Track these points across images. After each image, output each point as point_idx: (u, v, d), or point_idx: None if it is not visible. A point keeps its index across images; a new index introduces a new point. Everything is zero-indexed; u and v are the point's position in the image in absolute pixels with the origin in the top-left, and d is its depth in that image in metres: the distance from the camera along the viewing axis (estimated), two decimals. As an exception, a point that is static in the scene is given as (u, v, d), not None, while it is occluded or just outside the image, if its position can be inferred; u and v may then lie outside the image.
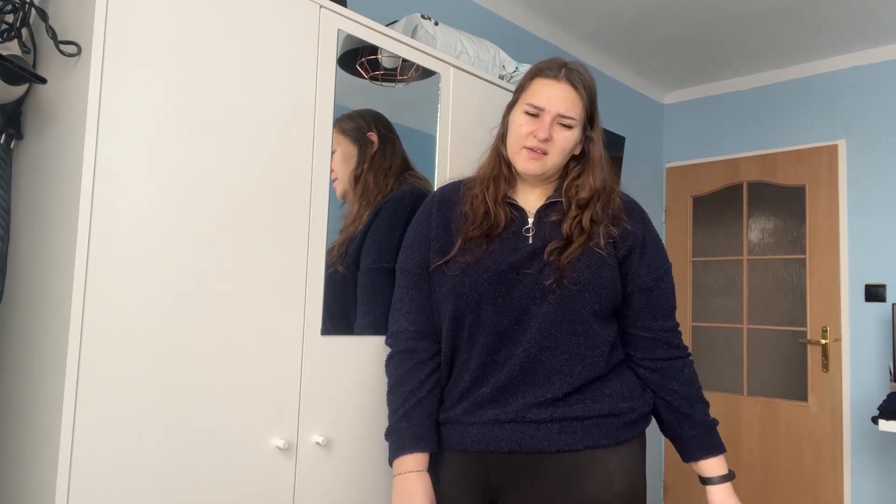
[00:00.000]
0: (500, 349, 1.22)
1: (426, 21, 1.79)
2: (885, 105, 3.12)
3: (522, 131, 1.26)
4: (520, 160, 1.27)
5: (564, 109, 1.24)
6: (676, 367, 1.31)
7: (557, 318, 1.20)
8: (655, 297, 1.30)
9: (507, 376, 1.21)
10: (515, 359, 1.21)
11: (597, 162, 1.30)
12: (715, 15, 2.87)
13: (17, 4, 1.17)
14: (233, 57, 1.23)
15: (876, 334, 3.07)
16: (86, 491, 1.03)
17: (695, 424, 1.29)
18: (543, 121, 1.24)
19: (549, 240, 1.23)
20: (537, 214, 1.28)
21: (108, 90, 1.07)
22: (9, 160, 1.29)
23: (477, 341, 1.23)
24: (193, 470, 1.15)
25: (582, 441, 1.19)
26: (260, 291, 1.26)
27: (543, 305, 1.20)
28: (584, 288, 1.20)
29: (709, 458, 1.28)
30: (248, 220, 1.25)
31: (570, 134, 1.26)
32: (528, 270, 1.21)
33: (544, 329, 1.20)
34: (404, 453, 1.23)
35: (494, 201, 1.27)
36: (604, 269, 1.23)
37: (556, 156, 1.26)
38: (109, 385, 1.06)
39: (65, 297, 1.04)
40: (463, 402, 1.25)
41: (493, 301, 1.21)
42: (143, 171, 1.11)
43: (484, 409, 1.22)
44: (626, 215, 1.30)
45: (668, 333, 1.32)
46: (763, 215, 3.52)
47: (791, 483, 3.22)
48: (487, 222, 1.25)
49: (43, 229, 1.16)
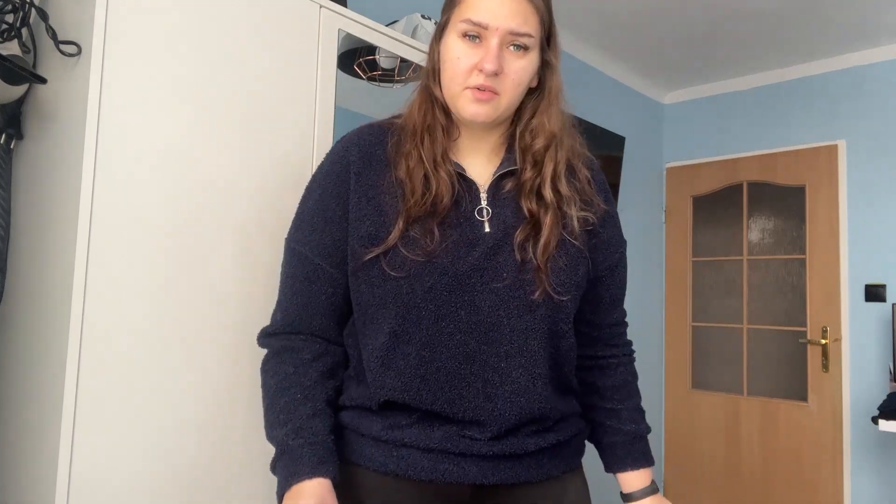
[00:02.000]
0: (467, 376, 0.91)
1: (426, 21, 1.79)
2: (885, 105, 3.12)
3: (462, 65, 0.90)
4: (463, 104, 0.92)
5: (516, 24, 0.88)
6: (608, 367, 1.09)
7: (539, 336, 0.93)
8: (605, 287, 1.05)
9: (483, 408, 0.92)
10: (498, 397, 0.92)
11: (554, 96, 0.98)
12: (715, 15, 2.87)
13: (17, 4, 1.17)
14: (233, 57, 1.24)
15: (876, 334, 3.07)
16: (85, 491, 1.03)
17: (615, 432, 1.07)
18: (489, 44, 0.88)
19: (509, 225, 0.93)
20: (490, 189, 0.96)
21: (108, 90, 1.07)
22: (9, 160, 1.29)
23: (431, 363, 0.91)
24: (194, 469, 1.15)
25: (560, 466, 1.00)
26: (260, 291, 1.26)
27: (522, 321, 0.92)
28: (565, 295, 0.94)
29: (628, 471, 1.06)
30: (249, 219, 1.25)
31: (526, 62, 0.91)
32: (498, 275, 0.91)
33: (531, 351, 0.93)
34: (301, 479, 0.86)
35: (433, 161, 0.93)
36: (580, 265, 0.97)
37: (510, 93, 0.92)
38: (109, 385, 1.06)
39: (65, 297, 1.04)
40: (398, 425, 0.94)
41: (453, 315, 0.90)
42: (143, 171, 1.11)
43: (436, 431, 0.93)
44: (595, 188, 1.03)
45: (609, 329, 1.09)
46: (763, 215, 3.52)
47: (791, 483, 3.22)
48: (429, 194, 0.91)
49: (43, 229, 1.16)
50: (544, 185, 0.95)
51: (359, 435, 0.94)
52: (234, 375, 1.21)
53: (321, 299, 0.97)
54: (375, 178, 0.95)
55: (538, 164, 0.96)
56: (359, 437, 0.94)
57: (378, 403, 0.93)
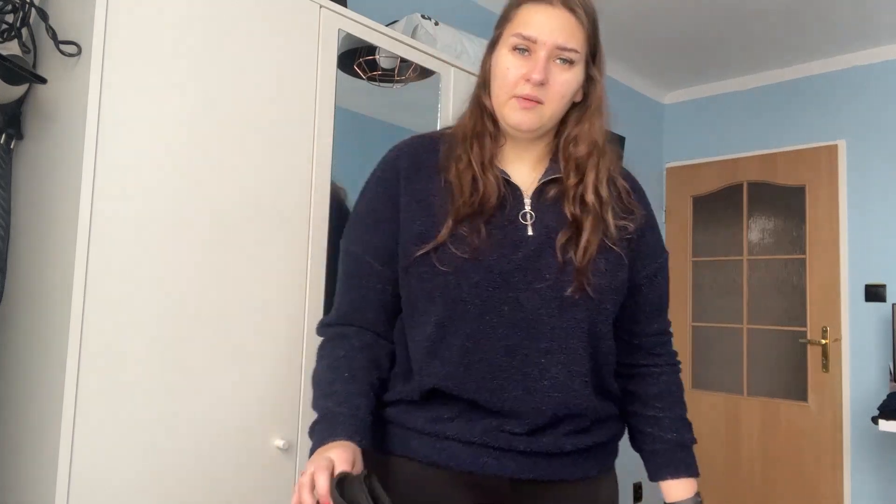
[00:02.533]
0: (508, 368, 0.96)
1: (426, 21, 1.79)
2: (885, 105, 3.12)
3: (510, 76, 0.97)
4: (509, 112, 0.98)
5: (563, 40, 0.95)
6: (651, 376, 1.11)
7: (579, 334, 0.98)
8: (644, 296, 1.08)
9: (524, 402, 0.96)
10: (537, 392, 0.96)
11: (596, 108, 1.04)
12: (715, 15, 2.87)
13: (17, 4, 1.17)
14: (233, 57, 1.24)
15: (876, 334, 3.07)
16: (86, 490, 1.03)
17: (659, 440, 1.08)
18: (537, 57, 0.95)
19: (551, 229, 0.99)
20: (534, 195, 1.01)
21: (108, 90, 1.07)
22: (9, 160, 1.29)
23: (474, 353, 0.96)
24: (194, 470, 1.15)
25: (595, 467, 1.03)
26: (260, 291, 1.26)
27: (563, 320, 0.96)
28: (605, 297, 0.99)
29: (672, 480, 1.07)
30: (249, 219, 1.25)
31: (571, 75, 0.98)
32: (540, 275, 0.96)
33: (570, 349, 0.97)
34: (337, 439, 0.90)
35: (481, 164, 1.00)
36: (620, 270, 1.01)
37: (554, 104, 0.98)
38: (109, 385, 1.06)
39: (65, 297, 1.04)
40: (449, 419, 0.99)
41: (497, 310, 0.96)
42: (143, 170, 1.11)
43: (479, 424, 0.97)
44: (635, 198, 1.07)
45: (652, 338, 1.11)
46: (763, 215, 3.51)
47: (791, 483, 3.22)
48: (476, 195, 0.97)
49: (43, 229, 1.16)
50: (587, 191, 0.99)
51: (404, 428, 0.99)
52: (233, 375, 1.21)
53: (371, 295, 1.04)
54: (425, 183, 1.02)
55: (581, 171, 1.01)
56: (404, 431, 0.99)
57: (422, 393, 0.98)
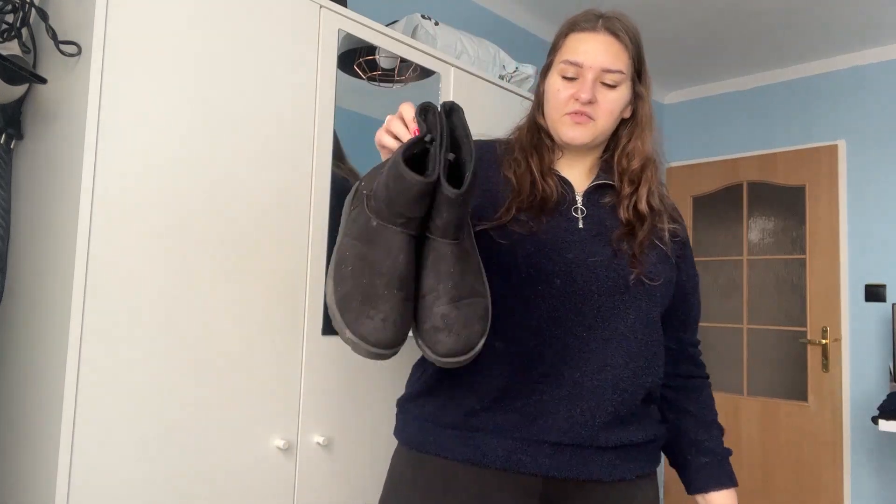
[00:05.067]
0: (549, 337, 0.97)
1: (426, 21, 1.79)
2: (885, 105, 3.12)
3: (561, 96, 1.05)
4: (563, 128, 1.06)
5: (608, 63, 1.04)
6: (696, 388, 1.15)
7: (627, 316, 1.00)
8: (689, 306, 1.16)
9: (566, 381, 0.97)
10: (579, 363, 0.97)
11: (646, 124, 1.11)
12: (715, 15, 2.87)
13: (17, 4, 1.17)
14: (233, 57, 1.24)
15: (876, 334, 3.07)
16: (86, 491, 1.03)
17: (707, 451, 1.11)
18: (585, 79, 1.03)
19: (603, 227, 1.04)
20: (586, 195, 1.08)
21: (108, 90, 1.07)
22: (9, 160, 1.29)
23: (523, 318, 0.98)
24: (194, 470, 1.15)
25: (634, 470, 1.01)
26: (260, 291, 1.26)
27: (613, 299, 1.00)
28: (656, 285, 1.03)
29: (720, 490, 1.10)
30: (249, 219, 1.25)
31: (618, 94, 1.05)
32: (593, 256, 1.01)
33: (614, 328, 0.99)
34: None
35: (541, 172, 1.06)
36: (670, 269, 1.07)
37: (603, 119, 1.06)
38: (109, 385, 1.06)
39: (65, 297, 1.04)
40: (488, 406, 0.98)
41: (549, 281, 0.99)
42: (143, 170, 1.11)
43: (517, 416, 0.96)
44: (678, 216, 1.15)
45: (693, 349, 1.18)
46: (763, 215, 3.52)
47: (791, 483, 3.22)
48: (535, 195, 1.03)
49: (43, 229, 1.16)
50: (640, 201, 1.06)
51: (437, 426, 1.01)
52: (233, 375, 1.21)
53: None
54: (486, 172, 1.08)
55: (635, 184, 1.08)
56: (436, 428, 1.01)
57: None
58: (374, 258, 0.76)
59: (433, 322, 0.77)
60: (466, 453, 0.97)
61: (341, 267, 0.77)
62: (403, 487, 1.03)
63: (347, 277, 0.76)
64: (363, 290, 0.75)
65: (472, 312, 0.79)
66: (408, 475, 1.03)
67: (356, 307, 0.74)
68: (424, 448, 1.01)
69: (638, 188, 1.07)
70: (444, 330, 0.76)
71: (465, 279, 0.79)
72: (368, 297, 0.74)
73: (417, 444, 1.02)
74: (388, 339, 0.74)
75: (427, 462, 1.00)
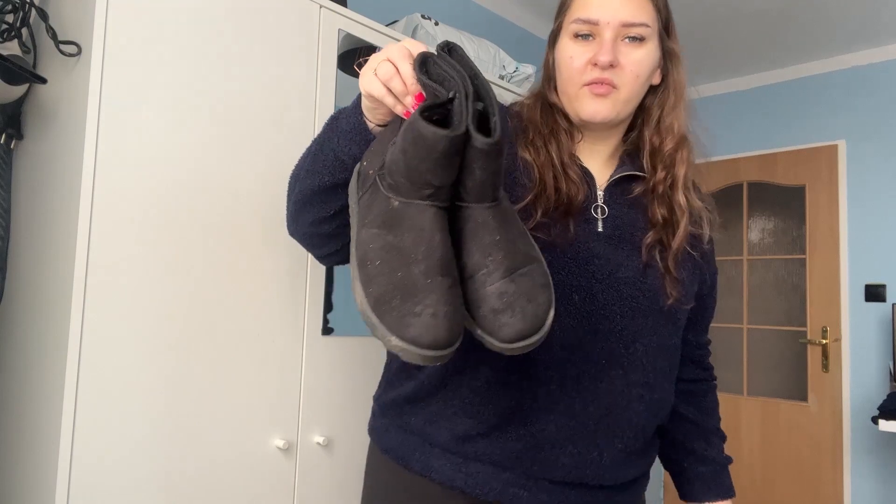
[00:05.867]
0: (563, 362, 0.83)
1: (426, 21, 1.79)
2: (885, 105, 3.12)
3: (576, 63, 0.85)
4: (582, 104, 0.86)
5: (628, 15, 0.84)
6: (699, 392, 1.04)
7: (651, 343, 0.87)
8: (704, 307, 1.01)
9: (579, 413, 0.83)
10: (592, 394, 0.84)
11: (680, 93, 0.92)
12: (714, 15, 2.87)
13: (17, 4, 1.17)
14: (233, 57, 1.23)
15: (876, 334, 3.07)
16: (86, 490, 1.03)
17: (704, 460, 1.02)
18: (602, 39, 0.84)
19: (629, 231, 0.88)
20: (607, 190, 0.90)
21: (108, 90, 1.07)
22: (9, 160, 1.29)
23: (527, 355, 0.82)
24: (194, 470, 1.15)
25: (632, 498, 0.93)
26: (260, 291, 1.26)
27: (634, 322, 0.86)
28: (681, 308, 0.90)
29: (716, 502, 1.02)
30: (249, 219, 1.25)
31: (644, 52, 0.86)
32: (620, 267, 0.86)
33: (634, 356, 0.86)
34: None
35: (561, 164, 0.87)
36: (696, 278, 0.93)
37: (629, 86, 0.86)
38: (109, 385, 1.06)
39: (65, 297, 1.04)
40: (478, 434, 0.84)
41: (567, 297, 0.83)
42: (143, 170, 1.11)
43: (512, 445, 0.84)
44: (713, 209, 0.99)
45: (701, 350, 1.05)
46: (763, 215, 3.52)
47: (791, 483, 3.22)
48: (560, 194, 0.85)
49: (43, 229, 1.16)
50: (676, 189, 0.90)
51: (424, 442, 0.87)
52: (233, 374, 1.21)
53: None
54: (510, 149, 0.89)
55: (668, 167, 0.90)
56: (424, 445, 0.87)
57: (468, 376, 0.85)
58: (405, 244, 0.64)
59: (491, 304, 0.64)
60: (457, 481, 0.84)
61: (366, 265, 0.65)
62: (383, 501, 0.92)
63: (377, 274, 0.64)
64: (401, 285, 0.62)
65: (532, 282, 0.65)
66: (390, 490, 0.91)
67: (398, 306, 0.62)
68: (407, 463, 0.88)
69: (673, 173, 0.90)
70: (505, 311, 0.63)
71: (515, 245, 0.66)
72: (409, 292, 0.62)
73: (399, 458, 0.89)
74: (444, 337, 0.60)
75: (412, 481, 0.88)
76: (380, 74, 0.68)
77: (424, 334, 0.60)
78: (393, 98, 0.69)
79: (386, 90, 0.68)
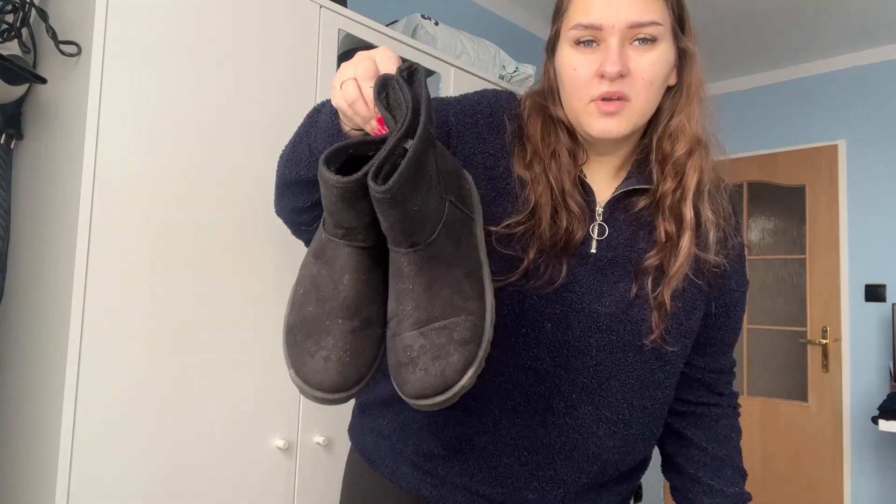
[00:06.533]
0: (531, 394, 0.79)
1: (426, 21, 1.79)
2: (885, 105, 3.12)
3: (580, 76, 0.75)
4: (591, 122, 0.76)
5: (636, 14, 0.73)
6: (709, 416, 0.92)
7: (625, 378, 0.80)
8: (717, 329, 0.89)
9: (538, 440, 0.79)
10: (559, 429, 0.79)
11: (695, 92, 0.82)
12: (714, 15, 2.87)
13: (17, 4, 1.17)
14: (233, 57, 1.23)
15: (876, 334, 3.07)
16: (86, 490, 1.03)
17: (712, 492, 0.92)
18: (608, 45, 0.73)
19: (625, 254, 0.80)
20: (609, 206, 0.81)
21: (108, 90, 1.07)
22: (9, 160, 1.29)
23: (499, 368, 0.78)
24: (194, 469, 1.15)
25: None
26: (261, 291, 1.26)
27: (613, 356, 0.79)
28: (670, 343, 0.80)
29: None
30: (249, 219, 1.25)
31: (657, 54, 0.75)
32: (600, 298, 0.78)
33: (608, 393, 0.79)
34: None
35: (562, 192, 0.78)
36: (696, 310, 0.83)
37: (643, 95, 0.75)
38: (109, 385, 1.06)
39: (65, 297, 1.04)
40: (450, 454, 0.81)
41: (538, 325, 0.78)
42: (143, 171, 1.11)
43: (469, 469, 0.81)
44: (734, 223, 0.87)
45: (714, 375, 0.92)
46: (763, 215, 3.52)
47: (791, 483, 3.22)
48: (559, 231, 0.77)
49: (43, 229, 1.16)
50: (685, 200, 0.79)
51: (393, 450, 0.85)
52: (233, 374, 1.21)
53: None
54: (490, 145, 0.81)
55: (679, 175, 0.79)
56: (393, 452, 0.85)
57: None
58: (321, 280, 0.62)
59: (397, 356, 0.61)
60: (423, 490, 0.82)
61: (297, 289, 0.64)
62: (355, 500, 0.90)
63: (296, 303, 0.63)
64: (307, 321, 0.62)
65: (447, 338, 0.60)
66: (361, 491, 0.89)
67: (300, 342, 0.61)
68: (378, 467, 0.86)
69: (684, 181, 0.79)
70: (407, 365, 0.59)
71: (433, 295, 0.61)
72: (310, 330, 0.61)
73: (372, 461, 0.87)
74: (331, 382, 0.59)
75: (382, 483, 0.86)
76: (344, 95, 0.63)
77: (314, 376, 0.59)
78: (360, 117, 0.64)
79: (352, 111, 0.63)
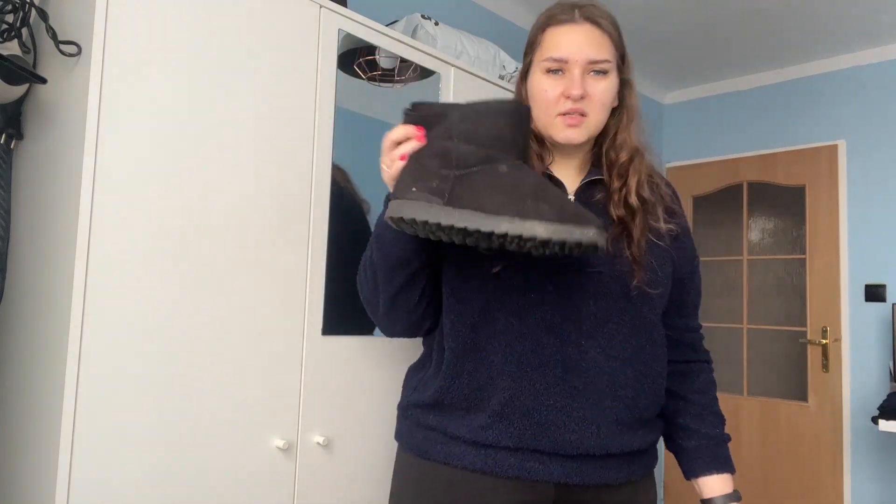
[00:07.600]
0: (548, 346, 0.97)
1: (426, 21, 1.79)
2: (885, 105, 3.12)
3: (549, 96, 1.02)
4: (556, 131, 1.03)
5: (594, 53, 1.01)
6: (692, 372, 1.14)
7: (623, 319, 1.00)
8: (687, 291, 1.14)
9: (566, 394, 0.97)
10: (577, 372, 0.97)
11: (633, 114, 1.08)
12: (715, 15, 2.87)
13: (17, 4, 1.17)
14: (233, 56, 1.23)
15: (876, 334, 3.07)
16: (86, 491, 1.03)
17: (697, 434, 1.12)
18: (572, 74, 1.00)
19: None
20: (577, 194, 1.06)
21: (108, 90, 1.07)
22: (9, 160, 1.29)
23: (517, 329, 0.98)
24: (194, 470, 1.15)
25: (639, 472, 1.05)
26: (260, 291, 1.26)
27: (608, 303, 1.00)
28: (658, 289, 1.03)
29: (711, 475, 1.10)
30: (249, 219, 1.25)
31: (608, 83, 1.03)
32: (589, 261, 0.99)
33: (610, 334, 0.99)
34: None
35: None
36: (667, 263, 1.06)
37: (597, 113, 1.03)
38: (109, 385, 1.06)
39: (65, 297, 1.04)
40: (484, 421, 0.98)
41: (541, 287, 0.98)
42: (143, 171, 1.11)
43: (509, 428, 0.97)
44: (675, 203, 1.14)
45: (692, 334, 1.16)
46: (763, 215, 3.52)
47: (791, 483, 3.22)
48: None
49: (43, 229, 1.16)
50: (630, 194, 1.03)
51: (446, 437, 1.01)
52: (233, 374, 1.21)
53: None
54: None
55: (623, 177, 1.05)
56: (444, 438, 1.01)
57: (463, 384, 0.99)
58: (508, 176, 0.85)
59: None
60: (476, 463, 0.98)
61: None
62: (411, 495, 1.04)
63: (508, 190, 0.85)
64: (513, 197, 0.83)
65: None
66: (415, 482, 1.03)
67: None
68: (432, 456, 1.01)
69: (627, 181, 1.05)
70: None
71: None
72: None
73: (424, 453, 1.03)
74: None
75: (435, 470, 1.01)
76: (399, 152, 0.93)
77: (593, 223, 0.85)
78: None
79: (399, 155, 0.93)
